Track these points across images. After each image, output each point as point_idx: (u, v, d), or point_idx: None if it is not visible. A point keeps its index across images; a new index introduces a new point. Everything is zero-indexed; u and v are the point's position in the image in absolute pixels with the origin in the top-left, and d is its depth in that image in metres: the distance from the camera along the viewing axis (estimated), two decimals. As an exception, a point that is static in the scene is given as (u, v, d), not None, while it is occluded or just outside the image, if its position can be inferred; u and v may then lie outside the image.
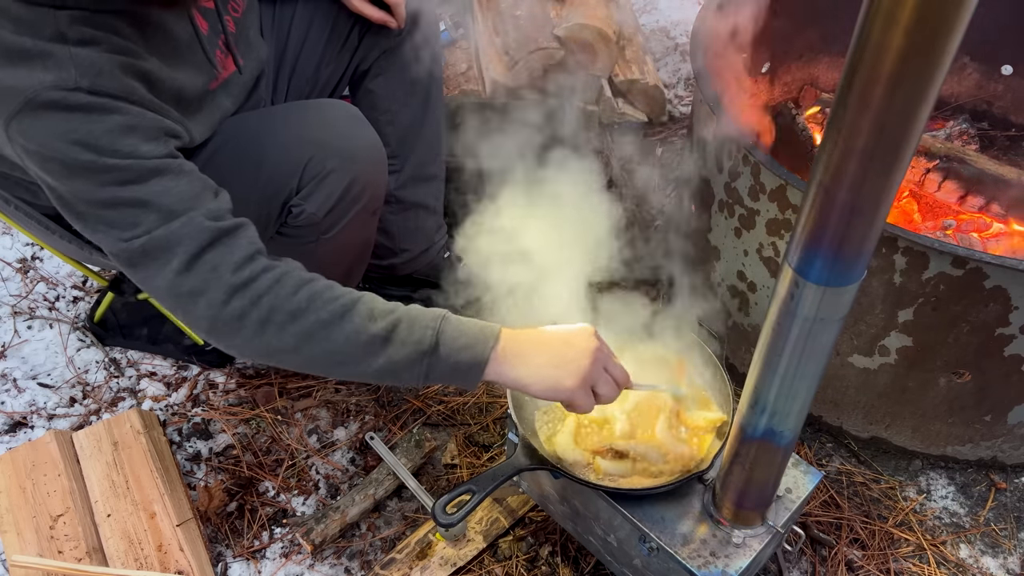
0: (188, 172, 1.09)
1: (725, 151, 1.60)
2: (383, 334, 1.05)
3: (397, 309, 1.09)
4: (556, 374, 1.09)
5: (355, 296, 1.08)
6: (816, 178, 0.73)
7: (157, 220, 1.04)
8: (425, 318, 1.08)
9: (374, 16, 1.56)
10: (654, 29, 2.93)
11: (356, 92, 1.71)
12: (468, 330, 1.08)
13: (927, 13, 0.56)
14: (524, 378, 1.09)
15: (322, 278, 1.11)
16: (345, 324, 1.05)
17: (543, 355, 1.10)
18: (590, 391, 1.11)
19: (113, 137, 1.03)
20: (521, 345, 1.09)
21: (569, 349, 1.10)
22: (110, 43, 1.04)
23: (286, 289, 1.05)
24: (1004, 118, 2.16)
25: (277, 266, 1.08)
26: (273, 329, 1.05)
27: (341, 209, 1.37)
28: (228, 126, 1.37)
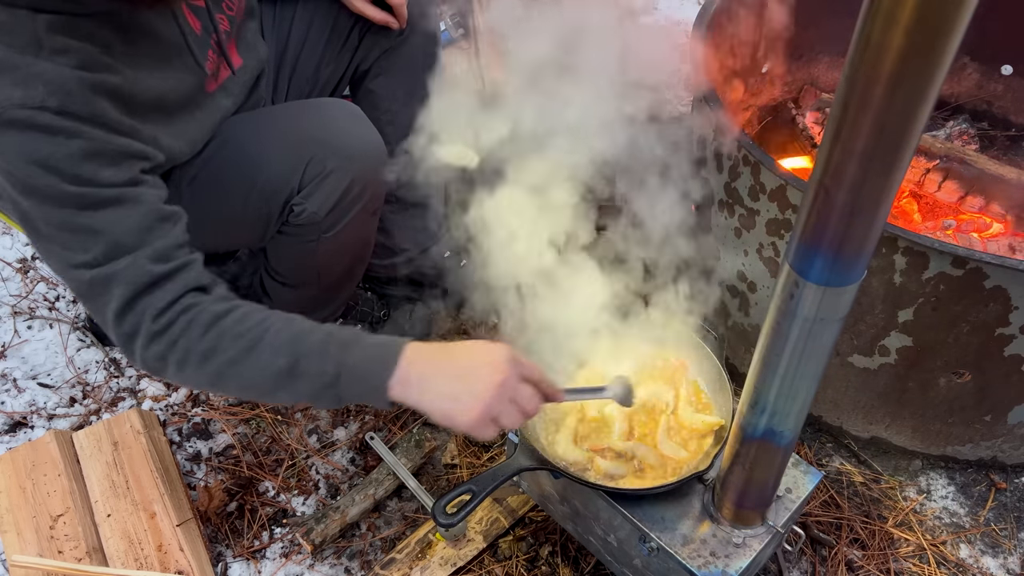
0: (145, 202, 1.10)
1: (724, 151, 1.60)
2: (287, 369, 1.07)
3: (304, 339, 1.09)
4: (452, 407, 1.06)
5: (263, 328, 1.09)
6: (816, 178, 0.73)
7: (104, 252, 1.06)
8: (329, 348, 1.08)
9: (376, 17, 1.56)
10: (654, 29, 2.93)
11: (357, 92, 1.71)
12: (369, 356, 1.08)
13: (927, 13, 0.56)
14: (423, 406, 1.08)
15: (242, 308, 1.11)
16: (250, 362, 1.07)
17: (443, 385, 1.07)
18: (490, 424, 1.07)
19: (74, 162, 1.03)
20: (423, 372, 1.07)
21: (472, 380, 1.06)
22: (85, 55, 1.03)
23: (196, 331, 1.08)
24: (1004, 118, 2.16)
25: (197, 304, 1.09)
26: (190, 369, 1.09)
27: (342, 208, 1.37)
28: (229, 126, 1.37)
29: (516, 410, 1.08)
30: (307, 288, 1.60)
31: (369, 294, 1.87)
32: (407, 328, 1.84)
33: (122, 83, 1.08)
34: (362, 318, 1.82)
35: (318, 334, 1.10)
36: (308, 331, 1.10)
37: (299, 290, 1.60)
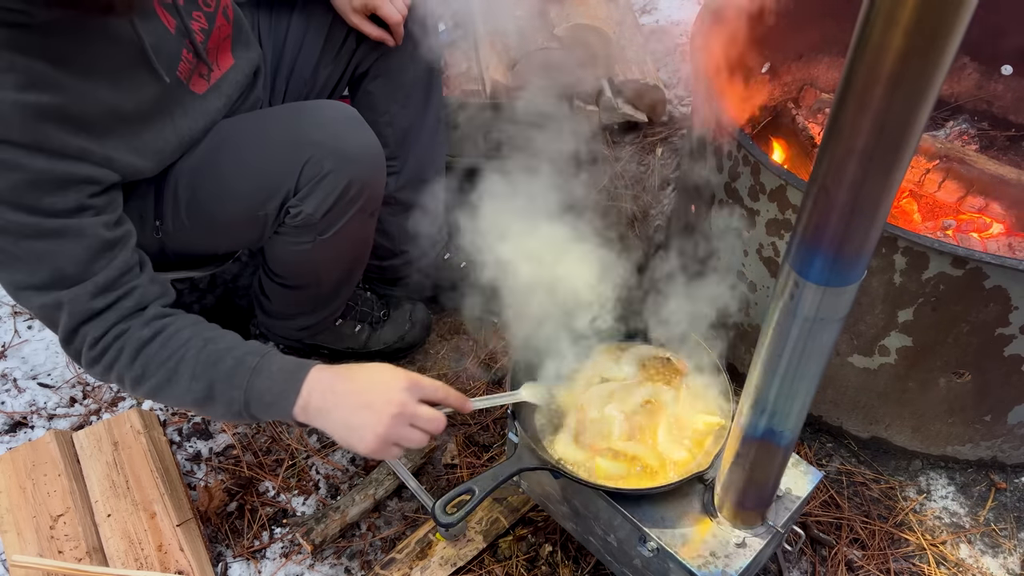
0: (88, 234, 1.12)
1: (724, 151, 1.60)
2: (202, 395, 1.16)
3: (217, 363, 1.16)
4: (350, 437, 1.14)
5: (181, 354, 1.16)
6: (816, 178, 0.73)
7: (49, 279, 1.11)
8: (237, 374, 1.15)
9: (372, 34, 1.57)
10: (654, 29, 2.93)
11: (355, 93, 1.71)
12: (273, 386, 1.15)
13: (927, 13, 0.56)
14: (327, 430, 1.16)
15: (167, 330, 1.18)
16: (173, 387, 1.17)
17: (341, 416, 1.14)
18: (390, 447, 1.14)
19: (16, 192, 1.05)
20: (323, 400, 1.14)
21: (366, 414, 1.13)
22: (30, 74, 1.02)
23: (127, 357, 1.16)
24: (1004, 118, 2.16)
25: (127, 330, 1.16)
26: (130, 389, 1.20)
27: (338, 210, 1.37)
28: (226, 126, 1.36)
29: (416, 433, 1.15)
30: (305, 289, 1.60)
31: (369, 294, 1.87)
32: (407, 328, 1.84)
33: (70, 102, 1.07)
34: (362, 318, 1.82)
35: (230, 359, 1.16)
36: (221, 355, 1.17)
37: (297, 291, 1.60)
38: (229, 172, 1.33)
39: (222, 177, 1.33)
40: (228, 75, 1.39)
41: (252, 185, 1.34)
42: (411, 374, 1.17)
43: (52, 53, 1.05)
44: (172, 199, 1.34)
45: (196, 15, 1.29)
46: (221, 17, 1.35)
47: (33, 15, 1.00)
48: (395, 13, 1.54)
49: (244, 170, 1.34)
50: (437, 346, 1.91)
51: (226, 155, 1.33)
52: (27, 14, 1.00)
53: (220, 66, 1.37)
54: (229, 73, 1.39)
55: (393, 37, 1.59)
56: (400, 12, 1.55)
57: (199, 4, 1.30)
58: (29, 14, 1.00)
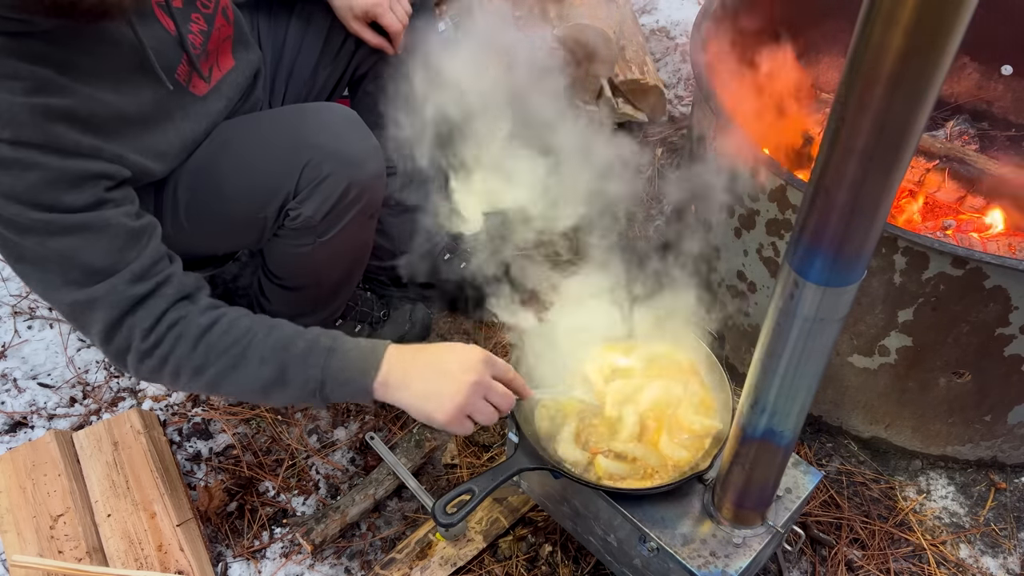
0: (113, 225, 1.11)
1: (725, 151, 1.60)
2: (274, 378, 1.14)
3: (288, 347, 1.15)
4: (429, 406, 1.15)
5: (248, 339, 1.15)
6: (816, 178, 0.73)
7: (81, 278, 1.10)
8: (312, 355, 1.15)
9: (372, 41, 1.57)
10: (654, 29, 2.93)
11: (355, 94, 1.71)
12: (351, 363, 1.15)
13: (927, 13, 0.57)
14: (404, 404, 1.16)
15: (226, 318, 1.16)
16: (239, 373, 1.14)
17: (421, 386, 1.15)
18: (465, 420, 1.16)
19: (35, 191, 1.05)
20: (404, 373, 1.16)
21: (447, 381, 1.15)
22: (36, 78, 1.03)
23: (186, 346, 1.13)
24: (1004, 118, 2.16)
25: (183, 319, 1.14)
26: (184, 380, 1.16)
27: (338, 212, 1.37)
28: (226, 128, 1.36)
29: (489, 407, 1.17)
30: (305, 290, 1.60)
31: (369, 294, 1.88)
32: (407, 328, 1.84)
33: (78, 104, 1.08)
34: (361, 318, 1.82)
35: (301, 342, 1.16)
36: (292, 339, 1.16)
37: (297, 292, 1.60)
38: (228, 174, 1.33)
39: (221, 179, 1.33)
40: (228, 76, 1.39)
41: (251, 187, 1.33)
42: (485, 350, 1.19)
43: (55, 60, 1.05)
44: (171, 201, 1.34)
45: (195, 17, 1.29)
46: (220, 18, 1.35)
47: (34, 24, 1.01)
48: (396, 23, 1.55)
49: (243, 172, 1.33)
50: (437, 346, 1.90)
51: (225, 157, 1.33)
52: (28, 23, 1.00)
53: (221, 67, 1.37)
54: (229, 75, 1.39)
55: (392, 46, 1.59)
56: (401, 21, 1.55)
57: (197, 6, 1.31)
58: (30, 23, 1.00)
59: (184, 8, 1.27)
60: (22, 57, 1.02)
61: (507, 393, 1.18)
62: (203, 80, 1.32)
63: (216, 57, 1.36)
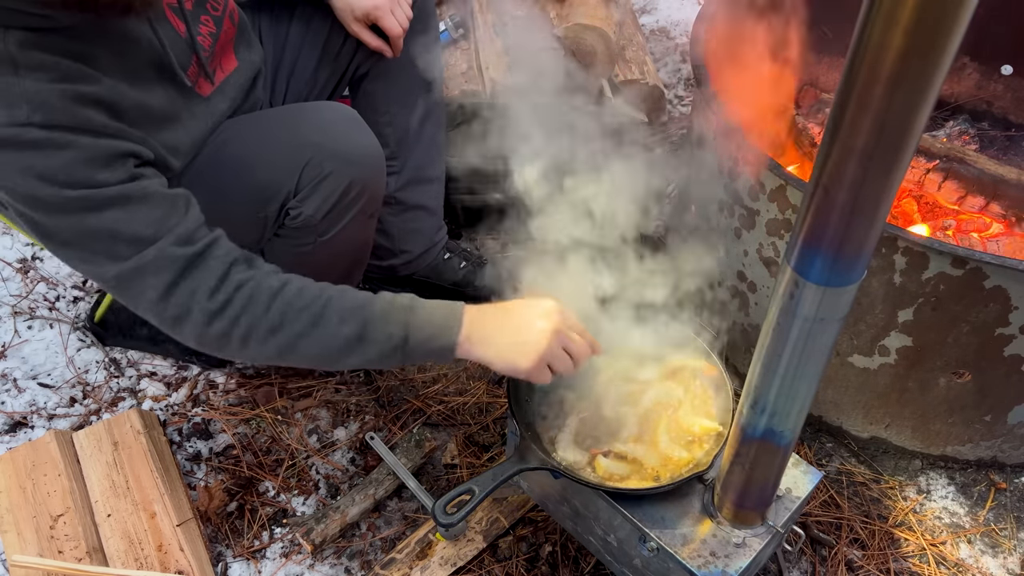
0: (152, 194, 1.11)
1: (725, 151, 1.60)
2: (355, 336, 1.14)
3: (367, 306, 1.15)
4: (514, 356, 1.17)
5: (325, 298, 1.14)
6: (816, 178, 0.73)
7: (127, 249, 1.08)
8: (393, 313, 1.15)
9: (372, 44, 1.57)
10: (654, 29, 2.93)
11: (356, 93, 1.71)
12: (434, 319, 1.16)
13: (927, 13, 0.57)
14: (487, 358, 1.18)
15: (294, 280, 1.15)
16: (319, 332, 1.13)
17: (504, 337, 1.18)
18: (546, 368, 1.18)
19: (70, 170, 1.05)
20: (485, 327, 1.18)
21: (529, 331, 1.17)
22: (61, 69, 1.04)
23: (260, 306, 1.11)
24: (1004, 118, 2.16)
25: (250, 279, 1.12)
26: (255, 344, 1.13)
27: (338, 211, 1.37)
28: (227, 127, 1.36)
29: (567, 356, 1.19)
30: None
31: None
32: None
33: (104, 92, 1.08)
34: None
35: (379, 301, 1.17)
36: (369, 299, 1.17)
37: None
38: (229, 173, 1.33)
39: (222, 178, 1.33)
40: (231, 77, 1.39)
41: (252, 186, 1.34)
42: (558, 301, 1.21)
43: (77, 53, 1.06)
44: None
45: (204, 19, 1.30)
46: (228, 21, 1.36)
47: (55, 19, 1.02)
48: (396, 26, 1.55)
49: (244, 171, 1.34)
50: (437, 346, 1.90)
51: (226, 156, 1.33)
52: (50, 18, 1.01)
53: (224, 68, 1.38)
54: (232, 75, 1.39)
55: (392, 49, 1.59)
56: (401, 25, 1.55)
57: (207, 8, 1.31)
58: (52, 18, 1.01)
59: (194, 10, 1.28)
60: (45, 50, 1.02)
61: (583, 343, 1.21)
62: (208, 81, 1.33)
63: (220, 58, 1.36)
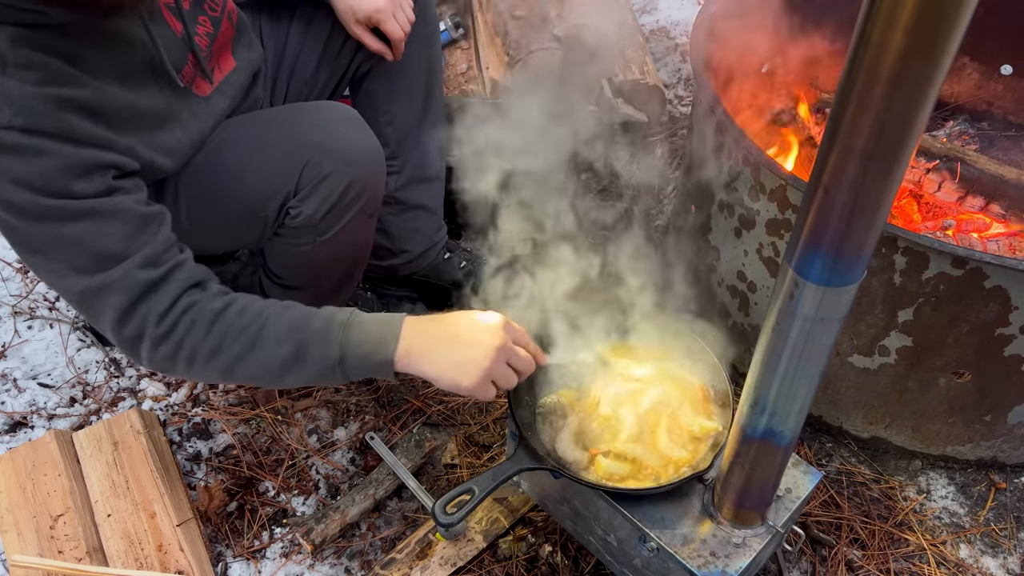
0: (124, 210, 1.11)
1: (725, 151, 1.60)
2: (292, 356, 1.14)
3: (304, 325, 1.15)
4: (456, 373, 1.15)
5: (263, 319, 1.14)
6: (816, 178, 0.73)
7: (94, 264, 1.09)
8: (330, 331, 1.14)
9: (372, 47, 1.57)
10: (654, 29, 2.93)
11: (356, 92, 1.71)
12: (370, 335, 1.14)
13: (927, 13, 0.57)
14: (429, 374, 1.16)
15: (238, 301, 1.16)
16: (256, 353, 1.14)
17: (446, 353, 1.15)
18: (489, 385, 1.16)
19: (47, 177, 1.05)
20: (425, 342, 1.15)
21: (472, 348, 1.15)
22: (50, 69, 1.03)
23: (201, 329, 1.12)
24: (1004, 118, 2.16)
25: (196, 303, 1.13)
26: (199, 367, 1.15)
27: (338, 211, 1.37)
28: (227, 127, 1.37)
29: (511, 372, 1.17)
30: (305, 290, 1.60)
31: (369, 294, 1.88)
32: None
33: (90, 95, 1.08)
34: (362, 318, 1.81)
35: (318, 319, 1.15)
36: (307, 317, 1.16)
37: (297, 292, 1.59)
38: (229, 173, 1.34)
39: (222, 178, 1.33)
40: (230, 77, 1.39)
41: (252, 186, 1.34)
42: (502, 315, 1.19)
43: (68, 52, 1.05)
44: (172, 200, 1.34)
45: (202, 19, 1.30)
46: (226, 21, 1.36)
47: (48, 16, 1.01)
48: (398, 30, 1.55)
49: (244, 171, 1.34)
50: (437, 346, 1.90)
51: (226, 156, 1.33)
52: (43, 14, 1.01)
53: (222, 68, 1.38)
54: (231, 75, 1.39)
55: (393, 53, 1.59)
56: (403, 28, 1.55)
57: (205, 9, 1.31)
58: (45, 14, 1.01)
59: (192, 10, 1.28)
60: (36, 47, 1.02)
61: (528, 357, 1.19)
62: (207, 81, 1.33)
63: (218, 58, 1.36)
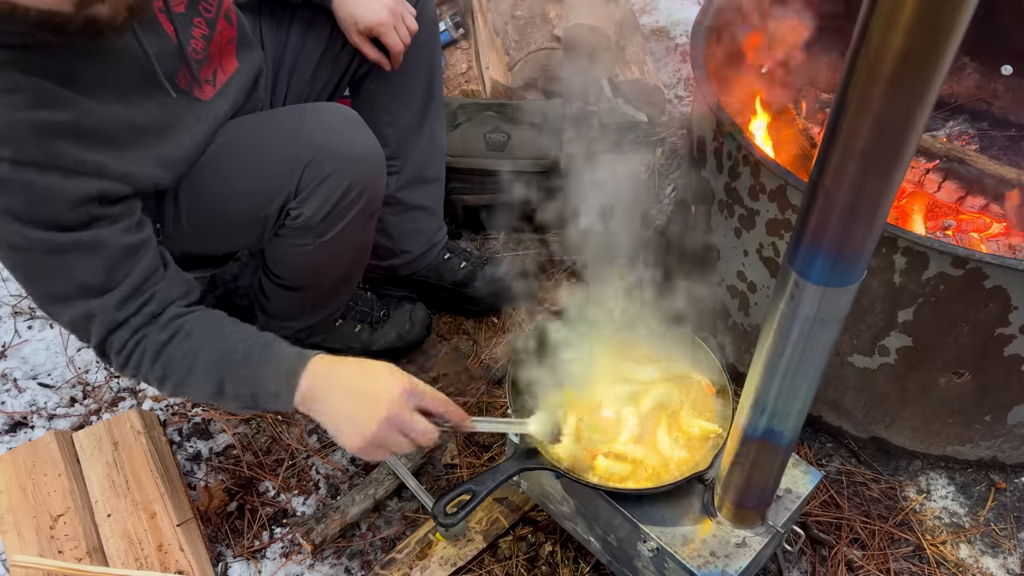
0: (107, 243, 1.13)
1: (725, 151, 1.60)
2: (214, 390, 1.19)
3: (225, 361, 1.18)
4: (339, 432, 1.14)
5: (195, 352, 1.19)
6: (816, 178, 0.73)
7: (76, 292, 1.14)
8: (245, 367, 1.17)
9: (371, 56, 1.57)
10: (654, 29, 2.93)
11: (356, 93, 1.71)
12: (278, 374, 1.16)
13: (927, 14, 0.57)
14: (323, 424, 1.17)
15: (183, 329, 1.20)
16: (191, 384, 1.20)
17: (339, 407, 1.14)
18: (377, 450, 1.14)
19: (33, 210, 1.07)
20: (322, 391, 1.15)
21: (362, 410, 1.12)
22: (39, 92, 1.03)
23: (147, 362, 1.19)
24: (1004, 118, 2.16)
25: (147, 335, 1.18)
26: (157, 388, 1.24)
27: (338, 212, 1.37)
28: (227, 129, 1.36)
29: (405, 440, 1.14)
30: (305, 290, 1.60)
31: (369, 294, 1.88)
32: (407, 328, 1.84)
33: (81, 117, 1.08)
34: (361, 318, 1.82)
35: (237, 354, 1.19)
36: (230, 351, 1.19)
37: (297, 292, 1.60)
38: (230, 174, 1.34)
39: (222, 179, 1.33)
40: (233, 79, 1.39)
41: (253, 187, 1.34)
42: (413, 379, 1.15)
43: (58, 72, 1.05)
44: (172, 202, 1.34)
45: (197, 21, 1.29)
46: (223, 21, 1.35)
47: (34, 36, 1.00)
48: (398, 43, 1.55)
49: (245, 172, 1.34)
50: (437, 346, 1.91)
51: (227, 158, 1.33)
52: (29, 35, 1.00)
53: (225, 70, 1.38)
54: (234, 77, 1.39)
55: (391, 63, 1.59)
56: (403, 41, 1.55)
57: (199, 10, 1.31)
58: (30, 35, 1.00)
59: (187, 12, 1.27)
60: (24, 70, 1.02)
61: (427, 430, 1.13)
62: (209, 84, 1.33)
63: (220, 60, 1.36)
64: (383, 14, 1.51)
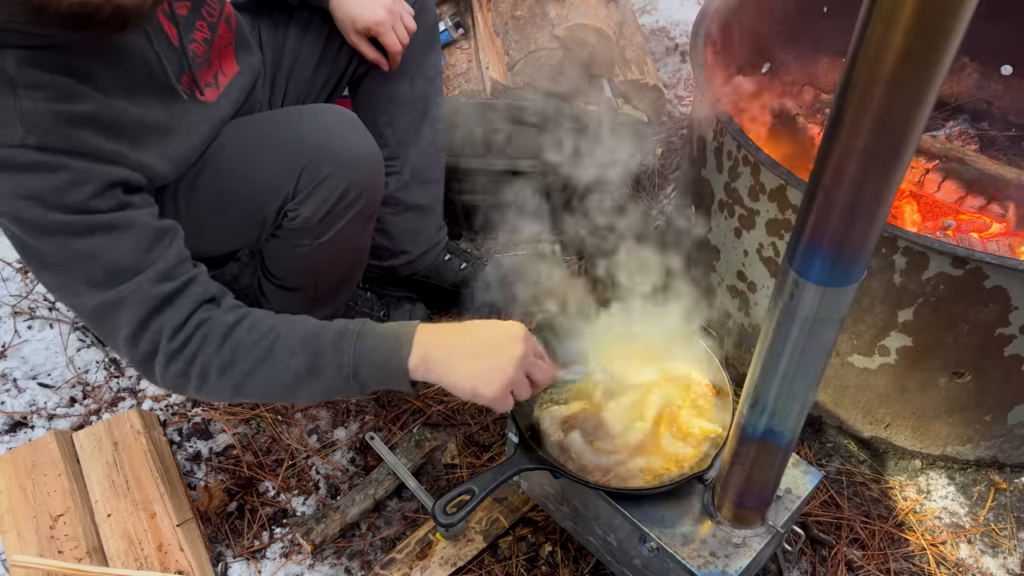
0: (137, 224, 1.11)
1: (725, 151, 1.60)
2: (305, 368, 1.12)
3: (318, 336, 1.13)
4: (478, 382, 1.12)
5: (275, 332, 1.13)
6: (816, 178, 0.73)
7: (105, 277, 1.09)
8: (343, 341, 1.12)
9: (369, 56, 1.57)
10: (654, 29, 2.93)
11: (355, 93, 1.71)
12: (383, 344, 1.12)
13: (927, 13, 0.57)
14: (448, 383, 1.13)
15: (251, 315, 1.15)
16: (268, 367, 1.12)
17: (465, 362, 1.13)
18: (509, 396, 1.14)
19: (61, 193, 1.05)
20: (444, 349, 1.13)
21: (494, 357, 1.12)
22: (59, 87, 1.03)
23: (212, 345, 1.11)
24: (1004, 118, 2.16)
25: (209, 318, 1.12)
26: (211, 383, 1.13)
27: (336, 214, 1.37)
28: (226, 131, 1.37)
29: (528, 382, 1.15)
30: (304, 291, 1.60)
31: (369, 294, 1.88)
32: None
33: (100, 110, 1.08)
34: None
35: (330, 331, 1.14)
36: (320, 329, 1.15)
37: (296, 293, 1.60)
38: (228, 175, 1.34)
39: (221, 180, 1.33)
40: (235, 81, 1.39)
41: (251, 188, 1.34)
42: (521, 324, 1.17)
43: (74, 70, 1.06)
44: (172, 202, 1.34)
45: (199, 24, 1.30)
46: (223, 25, 1.36)
47: (52, 37, 1.01)
48: (396, 43, 1.55)
49: (243, 173, 1.34)
50: (437, 346, 1.90)
51: (225, 159, 1.33)
52: (46, 36, 1.01)
53: (226, 73, 1.38)
54: (236, 79, 1.40)
55: (389, 63, 1.59)
56: (401, 41, 1.55)
57: (202, 14, 1.31)
58: (48, 36, 1.01)
59: (189, 16, 1.28)
60: (43, 67, 1.02)
61: (547, 367, 1.18)
62: (211, 87, 1.33)
63: (220, 63, 1.36)
64: (381, 14, 1.51)
